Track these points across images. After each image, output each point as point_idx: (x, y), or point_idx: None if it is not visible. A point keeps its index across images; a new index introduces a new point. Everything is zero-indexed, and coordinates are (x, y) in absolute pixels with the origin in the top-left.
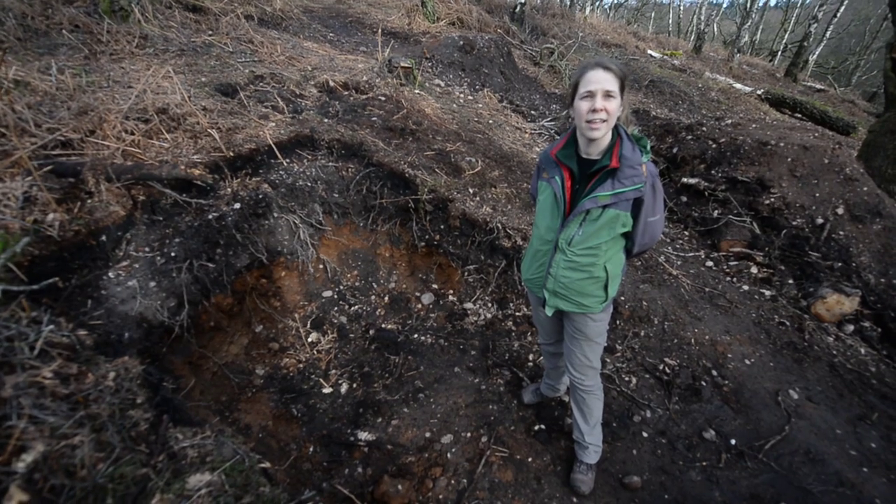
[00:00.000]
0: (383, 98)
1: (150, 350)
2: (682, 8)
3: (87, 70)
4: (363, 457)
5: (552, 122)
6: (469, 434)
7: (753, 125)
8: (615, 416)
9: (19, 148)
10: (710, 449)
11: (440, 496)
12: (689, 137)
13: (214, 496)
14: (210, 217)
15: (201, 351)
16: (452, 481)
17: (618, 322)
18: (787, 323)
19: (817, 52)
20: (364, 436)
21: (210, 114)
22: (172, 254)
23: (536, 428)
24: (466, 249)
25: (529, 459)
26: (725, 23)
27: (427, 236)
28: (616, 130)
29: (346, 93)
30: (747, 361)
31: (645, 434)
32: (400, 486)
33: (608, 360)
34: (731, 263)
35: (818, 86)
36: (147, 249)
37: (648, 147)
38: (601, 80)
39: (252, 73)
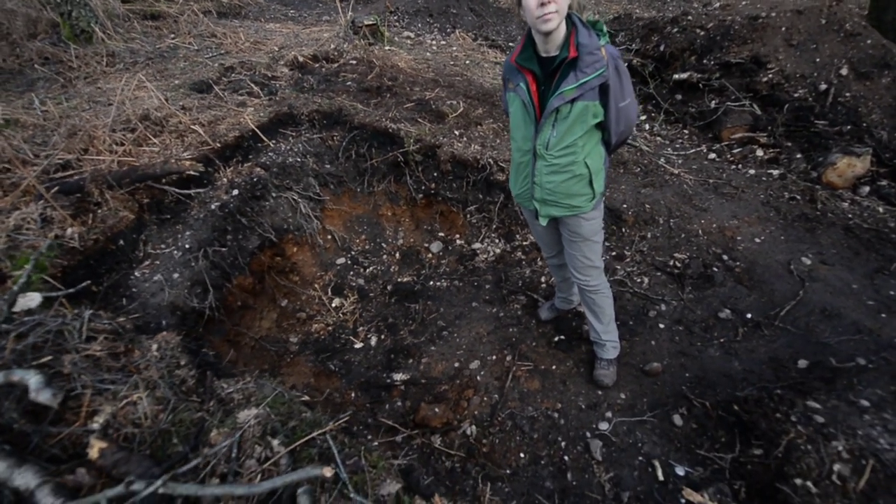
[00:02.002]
0: (355, 62)
1: (188, 333)
2: None
3: (66, 97)
4: (401, 393)
5: None
6: (494, 357)
7: (744, 2)
8: (631, 315)
9: (26, 177)
10: (726, 326)
11: (475, 412)
12: (675, 31)
13: (263, 424)
14: (213, 207)
15: (236, 328)
16: (485, 398)
17: (623, 229)
18: (798, 197)
19: None
20: (399, 376)
21: (190, 112)
22: (187, 246)
23: (556, 339)
24: (464, 192)
25: (553, 367)
26: None
27: (423, 187)
28: (570, 19)
29: (317, 65)
30: (757, 240)
31: (661, 325)
32: (437, 409)
33: (619, 267)
34: (735, 151)
35: None
36: (163, 246)
37: (605, 30)
38: None
39: (222, 65)
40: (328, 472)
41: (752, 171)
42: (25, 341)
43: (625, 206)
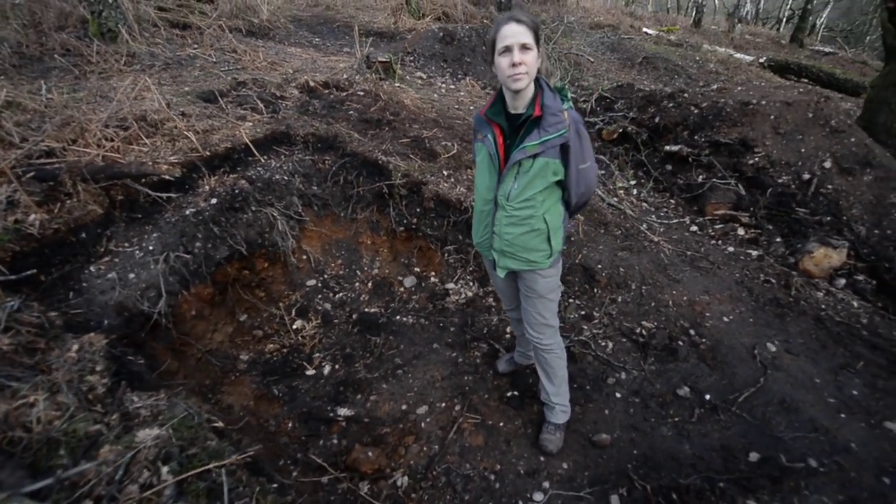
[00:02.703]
0: (362, 93)
1: (129, 336)
2: None
3: (75, 88)
4: (341, 430)
5: None
6: (444, 404)
7: (739, 88)
8: (589, 379)
9: (4, 159)
10: (683, 405)
11: (411, 462)
12: (671, 105)
13: (161, 447)
14: (187, 212)
15: (183, 338)
16: (424, 448)
17: (595, 290)
18: (773, 280)
19: (825, 15)
20: (343, 411)
21: (189, 118)
22: (150, 247)
23: (509, 395)
24: (444, 231)
25: (501, 424)
26: None
27: (405, 221)
28: (538, 83)
29: (327, 91)
30: (725, 319)
31: (618, 395)
32: (370, 453)
33: (585, 327)
34: (717, 227)
35: (827, 49)
36: (126, 245)
37: (569, 95)
38: (515, 34)
39: (234, 79)
40: None
41: (730, 249)
42: None
43: (600, 266)
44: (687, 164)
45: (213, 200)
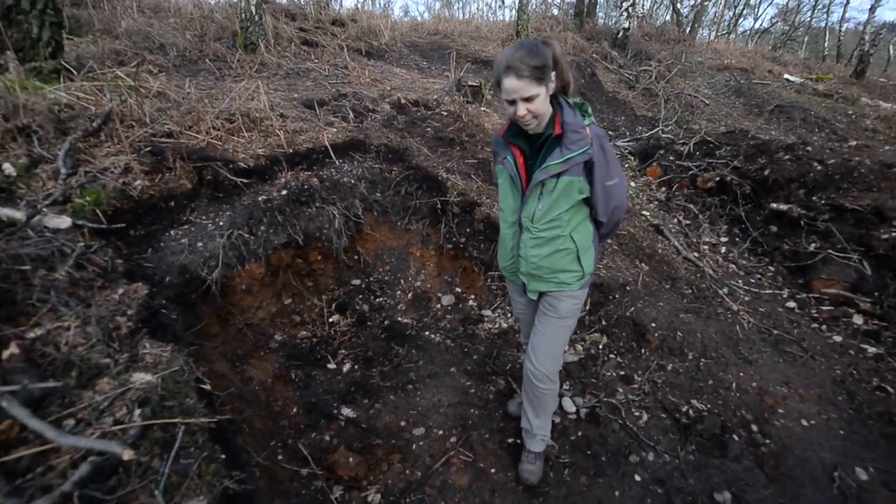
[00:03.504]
0: (445, 113)
1: (184, 294)
2: (842, 30)
3: (211, 87)
4: (338, 429)
5: (630, 143)
6: (441, 432)
7: (886, 148)
8: (608, 449)
9: (131, 134)
10: None
11: (389, 481)
12: (787, 158)
13: (146, 392)
14: (260, 199)
15: (229, 307)
16: (407, 471)
17: (643, 350)
18: (891, 390)
19: None
20: (346, 412)
21: (285, 119)
22: (221, 223)
23: (511, 441)
24: (490, 255)
25: (492, 470)
26: None
27: (454, 238)
28: (555, 100)
29: (415, 109)
30: (804, 422)
31: (638, 477)
32: (351, 460)
33: (621, 390)
34: (824, 308)
35: None
36: (204, 218)
37: (590, 111)
38: (517, 90)
39: (337, 91)
40: (127, 454)
41: (837, 338)
42: (26, 248)
43: (654, 325)
44: (797, 228)
45: (284, 192)
